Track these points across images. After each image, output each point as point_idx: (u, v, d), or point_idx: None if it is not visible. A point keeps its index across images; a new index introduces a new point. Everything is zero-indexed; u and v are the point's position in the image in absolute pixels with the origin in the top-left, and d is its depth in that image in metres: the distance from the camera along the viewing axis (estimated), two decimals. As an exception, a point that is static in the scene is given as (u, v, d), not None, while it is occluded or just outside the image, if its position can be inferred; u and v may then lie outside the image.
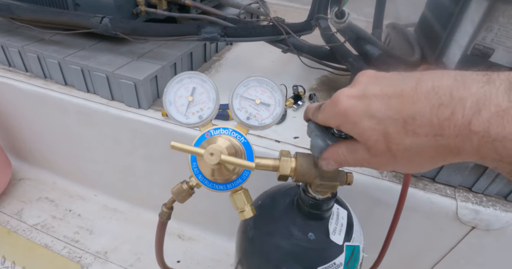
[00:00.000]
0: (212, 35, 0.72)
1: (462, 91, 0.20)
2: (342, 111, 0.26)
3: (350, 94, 0.26)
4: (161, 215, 0.44)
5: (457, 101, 0.20)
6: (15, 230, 0.92)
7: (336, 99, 0.27)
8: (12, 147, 1.09)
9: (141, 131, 0.78)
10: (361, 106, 0.25)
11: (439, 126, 0.20)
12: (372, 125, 0.24)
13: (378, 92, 0.24)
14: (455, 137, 0.20)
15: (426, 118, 0.21)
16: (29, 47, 0.85)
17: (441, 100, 0.20)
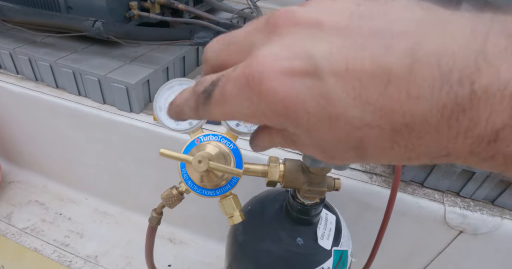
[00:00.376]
0: (204, 40, 0.72)
1: (488, 75, 0.11)
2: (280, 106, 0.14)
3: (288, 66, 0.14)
4: (151, 220, 0.45)
5: (479, 99, 0.12)
6: (4, 234, 0.91)
7: (258, 77, 0.14)
8: (2, 149, 1.08)
9: (133, 135, 0.78)
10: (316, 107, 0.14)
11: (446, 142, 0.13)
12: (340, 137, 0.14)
13: (341, 68, 0.13)
14: (468, 153, 0.13)
15: (432, 128, 0.12)
16: (20, 49, 0.85)
17: (456, 98, 0.12)
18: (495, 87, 0.11)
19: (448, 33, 0.12)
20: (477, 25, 0.12)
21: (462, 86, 0.12)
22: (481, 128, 0.12)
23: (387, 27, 0.13)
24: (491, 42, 0.12)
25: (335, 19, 0.14)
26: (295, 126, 0.15)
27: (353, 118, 0.13)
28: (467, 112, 0.12)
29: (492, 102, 0.11)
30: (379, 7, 0.14)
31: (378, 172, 0.67)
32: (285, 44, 0.14)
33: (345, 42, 0.13)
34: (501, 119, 0.12)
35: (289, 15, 0.15)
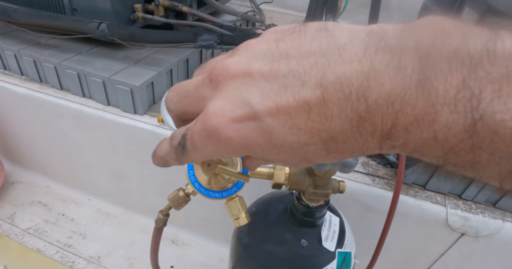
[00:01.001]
0: (208, 43, 0.73)
1: (375, 90, 0.15)
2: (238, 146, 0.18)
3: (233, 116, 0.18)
4: (157, 221, 0.45)
5: (373, 110, 0.15)
6: (7, 234, 0.92)
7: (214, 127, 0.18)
8: (5, 150, 1.08)
9: (136, 137, 0.79)
10: (263, 140, 0.18)
11: (362, 141, 0.17)
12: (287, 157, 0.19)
13: (273, 109, 0.17)
14: (378, 148, 0.17)
15: (348, 135, 0.16)
16: (25, 50, 0.85)
17: (358, 112, 0.15)
18: (382, 98, 0.15)
19: (345, 59, 0.16)
20: (369, 45, 0.16)
21: (359, 102, 0.15)
22: (379, 130, 0.16)
23: (300, 64, 0.17)
24: (378, 60, 0.15)
25: (260, 66, 0.18)
26: (254, 154, 0.19)
27: (293, 142, 0.17)
28: (367, 120, 0.16)
29: (382, 110, 0.15)
30: (294, 41, 0.18)
31: (380, 174, 0.68)
32: (227, 97, 0.18)
33: (271, 85, 0.17)
34: (390, 121, 0.15)
35: (224, 70, 0.19)
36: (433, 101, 0.14)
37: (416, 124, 0.15)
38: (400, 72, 0.15)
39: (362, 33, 0.17)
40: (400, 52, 0.15)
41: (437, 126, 0.14)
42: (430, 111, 0.14)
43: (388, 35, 0.16)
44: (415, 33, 0.15)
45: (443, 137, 0.14)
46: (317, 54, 0.17)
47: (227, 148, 0.19)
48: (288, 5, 1.52)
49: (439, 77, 0.14)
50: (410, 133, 0.15)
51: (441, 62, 0.14)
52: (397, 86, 0.15)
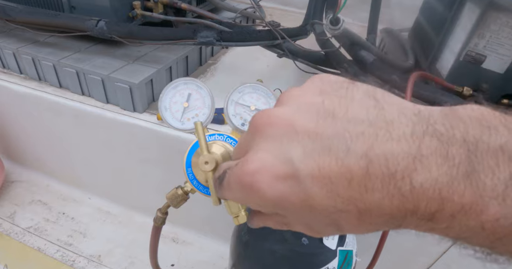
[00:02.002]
0: (207, 40, 0.72)
1: (422, 174, 0.15)
2: (269, 203, 0.18)
3: (273, 174, 0.18)
4: (156, 220, 0.44)
5: (418, 192, 0.15)
6: (8, 233, 0.92)
7: (250, 180, 0.18)
8: (5, 149, 1.08)
9: (136, 135, 0.78)
10: (298, 199, 0.18)
11: (400, 218, 0.16)
12: (319, 219, 0.18)
13: (315, 171, 0.17)
14: (415, 227, 0.17)
15: (386, 211, 0.16)
16: (23, 49, 0.85)
17: (400, 190, 0.15)
18: (428, 183, 0.15)
19: (393, 137, 0.16)
20: (416, 127, 0.16)
21: (404, 182, 0.15)
22: (421, 211, 0.16)
23: (347, 129, 0.17)
24: (425, 145, 0.15)
25: (304, 121, 0.18)
26: (283, 212, 0.19)
27: (328, 206, 0.17)
28: (410, 201, 0.16)
29: (427, 194, 0.15)
30: (341, 101, 0.18)
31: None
32: (268, 149, 0.18)
33: (315, 145, 0.17)
34: (435, 206, 0.15)
35: (267, 119, 0.19)
36: (481, 193, 0.14)
37: (463, 212, 0.15)
38: (447, 161, 0.15)
39: (410, 112, 0.17)
40: (447, 141, 0.15)
41: (485, 218, 0.14)
42: (478, 202, 0.14)
43: (435, 120, 0.16)
44: (463, 123, 0.16)
45: (491, 228, 0.15)
46: (365, 123, 0.17)
47: (256, 199, 0.19)
48: (288, 2, 1.51)
49: (487, 171, 0.14)
50: (455, 220, 0.15)
51: (488, 156, 0.14)
52: (444, 174, 0.15)
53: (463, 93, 0.66)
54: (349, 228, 0.18)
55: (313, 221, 0.19)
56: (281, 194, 0.18)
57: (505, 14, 0.59)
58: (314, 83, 0.21)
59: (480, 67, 0.64)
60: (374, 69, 0.71)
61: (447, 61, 0.70)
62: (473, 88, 0.66)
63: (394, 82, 0.66)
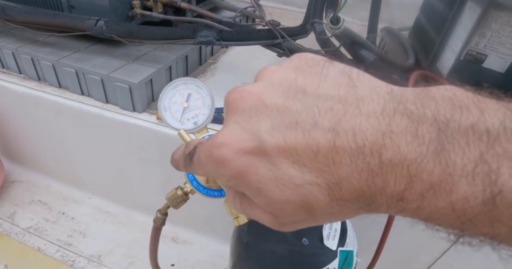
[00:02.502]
0: (207, 39, 0.72)
1: (391, 150, 0.15)
2: (235, 173, 0.18)
3: (239, 147, 0.18)
4: (156, 220, 0.44)
5: (387, 167, 0.15)
6: (8, 233, 0.91)
7: (218, 152, 0.19)
8: (4, 149, 1.08)
9: (136, 134, 0.78)
10: (264, 169, 0.17)
11: (369, 196, 0.16)
12: (286, 196, 0.17)
13: (282, 144, 0.17)
14: (386, 208, 0.17)
15: (355, 185, 0.16)
16: (23, 48, 0.84)
17: (369, 165, 0.15)
18: (396, 158, 0.15)
19: (363, 113, 0.16)
20: (387, 105, 0.16)
21: (373, 156, 0.15)
22: (391, 188, 0.15)
23: (316, 104, 0.17)
24: (395, 122, 0.15)
25: (275, 96, 0.18)
26: (248, 186, 0.18)
27: (294, 177, 0.17)
28: (378, 175, 0.15)
29: (396, 169, 0.15)
30: (313, 78, 0.18)
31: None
32: (237, 121, 0.19)
33: (283, 118, 0.17)
34: (404, 183, 0.15)
35: (238, 94, 0.19)
36: (450, 172, 0.14)
37: (432, 191, 0.15)
38: (417, 139, 0.15)
39: (382, 90, 0.17)
40: (418, 120, 0.15)
41: (455, 197, 0.14)
42: (447, 181, 0.14)
43: (407, 99, 0.16)
44: (434, 103, 0.16)
45: (461, 208, 0.14)
46: (334, 99, 0.17)
47: (224, 173, 0.19)
48: (288, 0, 1.51)
49: (457, 150, 0.14)
50: (425, 199, 0.15)
51: (458, 135, 0.14)
52: (414, 151, 0.15)
53: (463, 93, 0.65)
54: (321, 207, 0.17)
55: (278, 198, 0.18)
56: (247, 167, 0.18)
57: (506, 13, 0.59)
58: (292, 60, 0.20)
59: (481, 66, 0.64)
60: (374, 68, 0.71)
61: (448, 60, 0.69)
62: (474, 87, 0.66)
63: (395, 81, 0.66)
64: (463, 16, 0.67)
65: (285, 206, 0.18)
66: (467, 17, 0.65)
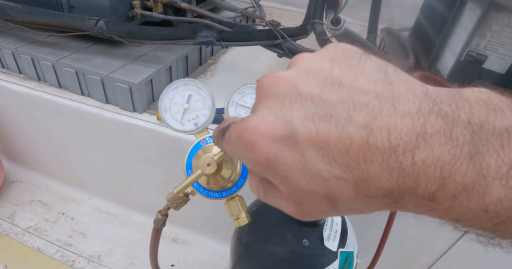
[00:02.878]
0: (207, 39, 0.72)
1: (424, 151, 0.15)
2: (263, 160, 0.18)
3: (270, 134, 0.18)
4: (156, 222, 0.44)
5: (420, 168, 0.15)
6: (7, 233, 0.91)
7: (248, 137, 0.18)
8: (4, 149, 1.08)
9: (136, 135, 0.78)
10: (293, 159, 0.17)
11: (398, 195, 0.16)
12: (312, 187, 0.17)
13: (314, 136, 0.17)
14: (414, 207, 0.17)
15: (384, 184, 0.16)
16: (22, 48, 0.84)
17: (401, 165, 0.15)
18: (430, 160, 0.15)
19: (398, 111, 0.16)
20: (422, 105, 0.16)
21: (405, 157, 0.15)
22: (422, 189, 0.15)
23: (352, 98, 0.17)
24: (430, 123, 0.15)
25: (310, 85, 0.18)
26: (274, 174, 0.18)
27: (323, 171, 0.17)
28: (410, 176, 0.15)
29: (428, 171, 0.15)
30: (350, 70, 0.18)
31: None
32: (270, 107, 0.18)
33: (317, 109, 0.17)
34: (436, 184, 0.15)
35: (272, 79, 0.19)
36: (484, 174, 0.14)
37: (465, 193, 0.15)
38: (451, 141, 0.15)
39: (418, 89, 0.17)
40: (452, 122, 0.15)
41: (488, 199, 0.14)
42: (481, 183, 0.14)
43: (442, 100, 0.16)
44: (469, 105, 0.15)
45: (494, 210, 0.14)
46: (371, 95, 0.17)
47: (252, 158, 0.19)
48: (288, 1, 1.51)
49: (491, 152, 0.14)
50: (457, 200, 0.15)
51: (493, 137, 0.14)
52: (447, 153, 0.15)
53: (464, 93, 0.65)
54: (345, 201, 0.17)
55: (304, 188, 0.18)
56: (276, 155, 0.18)
57: (506, 14, 0.59)
58: (328, 49, 0.20)
59: (481, 67, 0.64)
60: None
61: (448, 61, 0.69)
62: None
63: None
64: (463, 17, 0.67)
65: (310, 197, 0.18)
66: (467, 18, 0.65)
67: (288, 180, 0.18)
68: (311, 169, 0.17)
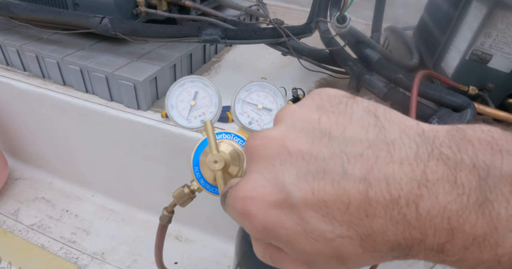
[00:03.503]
0: (212, 37, 0.72)
1: (428, 200, 0.14)
2: (261, 228, 0.17)
3: (263, 200, 0.17)
4: (162, 218, 0.44)
5: (425, 219, 0.14)
6: (12, 230, 0.92)
7: (242, 206, 0.18)
8: (9, 146, 1.08)
9: (140, 132, 0.78)
10: (292, 223, 0.16)
11: (406, 247, 0.15)
12: (318, 249, 0.16)
13: (310, 197, 0.16)
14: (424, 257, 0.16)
15: (390, 238, 0.15)
16: (27, 46, 0.85)
17: (405, 217, 0.14)
18: (435, 210, 0.14)
19: (395, 159, 0.15)
20: (420, 149, 0.15)
21: (409, 208, 0.14)
22: (430, 240, 0.14)
23: (344, 151, 0.16)
24: (430, 169, 0.14)
25: (299, 141, 0.17)
26: (276, 240, 0.17)
27: (325, 231, 0.16)
28: (416, 228, 0.14)
29: (435, 222, 0.14)
30: (338, 119, 0.17)
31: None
32: (261, 171, 0.18)
33: (309, 167, 0.16)
34: (444, 236, 0.14)
35: (258, 140, 0.18)
36: (495, 224, 0.13)
37: (476, 244, 0.14)
38: (456, 188, 0.14)
39: (413, 131, 0.16)
40: (455, 166, 0.14)
41: (501, 251, 0.13)
42: (492, 234, 0.13)
43: (441, 142, 0.15)
44: (472, 146, 0.14)
45: (508, 261, 0.13)
46: (363, 144, 0.16)
47: (247, 223, 0.18)
48: None
49: (501, 200, 0.13)
50: (467, 252, 0.14)
51: (501, 183, 0.13)
52: (453, 202, 0.14)
53: (468, 93, 0.65)
54: (353, 259, 0.16)
55: (310, 250, 0.17)
56: (273, 221, 0.17)
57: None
58: (313, 98, 0.19)
59: (486, 66, 0.64)
60: (379, 68, 0.71)
61: (453, 60, 0.69)
62: (478, 87, 0.66)
63: (400, 80, 0.66)
64: (469, 16, 0.67)
65: (317, 257, 0.17)
66: (473, 17, 0.65)
67: (291, 244, 0.17)
68: (313, 231, 0.16)
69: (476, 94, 0.65)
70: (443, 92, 0.62)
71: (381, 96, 0.67)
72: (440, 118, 0.59)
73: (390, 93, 0.65)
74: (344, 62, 0.75)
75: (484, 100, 0.66)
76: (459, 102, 0.61)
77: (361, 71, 0.70)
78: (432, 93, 0.62)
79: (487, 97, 0.65)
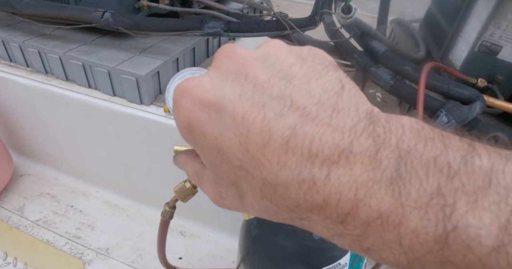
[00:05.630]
0: (215, 30, 0.71)
1: (342, 168, 0.14)
2: (184, 122, 0.18)
3: (199, 97, 0.17)
4: (164, 214, 0.44)
5: (332, 185, 0.14)
6: (17, 226, 0.92)
7: (179, 94, 0.18)
8: (13, 142, 1.08)
9: (143, 127, 0.78)
10: (211, 132, 0.17)
11: (304, 211, 0.15)
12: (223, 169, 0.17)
13: (238, 116, 0.16)
14: (322, 228, 0.16)
15: (291, 194, 0.15)
16: (30, 42, 0.84)
17: (314, 177, 0.14)
18: (345, 178, 0.14)
19: (332, 124, 0.15)
20: (359, 123, 0.15)
21: (321, 170, 0.14)
22: (331, 209, 0.14)
23: (292, 97, 0.16)
24: (359, 141, 0.14)
25: (259, 71, 0.17)
26: (194, 141, 0.18)
27: (234, 157, 0.16)
28: (320, 192, 0.14)
29: (341, 190, 0.14)
30: (308, 73, 0.17)
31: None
32: (212, 75, 0.18)
33: (254, 95, 0.16)
34: (347, 206, 0.14)
35: (227, 50, 0.19)
36: (402, 202, 0.13)
37: (379, 221, 0.14)
38: (373, 162, 0.14)
39: (363, 108, 0.16)
40: (381, 144, 0.14)
41: (403, 230, 0.13)
42: (397, 212, 0.13)
43: (379, 122, 0.15)
44: (402, 131, 0.15)
45: (409, 244, 0.13)
46: (312, 100, 0.16)
47: (176, 118, 0.18)
48: (296, -8, 1.49)
49: (414, 180, 0.13)
50: (369, 228, 0.14)
51: (419, 165, 0.13)
52: (366, 175, 0.14)
53: (477, 85, 0.64)
54: (250, 199, 0.17)
55: (218, 165, 0.17)
56: (197, 121, 0.17)
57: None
58: (302, 49, 0.19)
59: (496, 58, 0.62)
60: (386, 60, 0.69)
61: (461, 52, 0.68)
62: (487, 79, 0.64)
63: (407, 73, 0.65)
64: (478, 6, 0.65)
65: (221, 177, 0.18)
66: (482, 7, 0.63)
67: (204, 152, 0.18)
68: (225, 152, 0.16)
69: (485, 86, 0.64)
70: (451, 85, 0.60)
71: (387, 89, 0.65)
72: (448, 111, 0.58)
73: (397, 85, 0.64)
74: (350, 55, 0.73)
75: (493, 92, 0.64)
76: (468, 95, 0.60)
77: (366, 64, 0.69)
78: (440, 86, 0.60)
79: (497, 90, 0.64)
